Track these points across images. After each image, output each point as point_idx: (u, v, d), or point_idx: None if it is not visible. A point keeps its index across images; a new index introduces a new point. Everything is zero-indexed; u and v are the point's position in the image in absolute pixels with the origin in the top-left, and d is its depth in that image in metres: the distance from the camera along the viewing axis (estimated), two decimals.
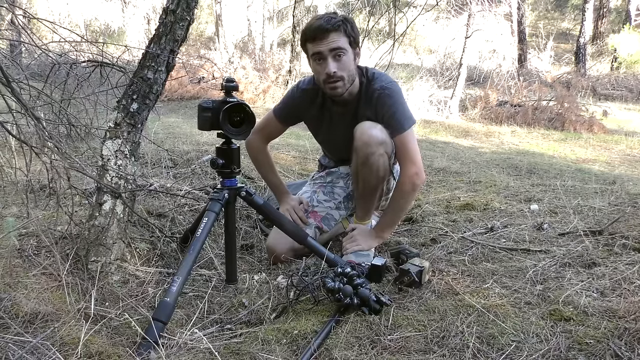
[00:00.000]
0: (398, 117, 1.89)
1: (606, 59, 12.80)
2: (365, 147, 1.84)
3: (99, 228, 1.66)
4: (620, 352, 1.21)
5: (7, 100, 1.48)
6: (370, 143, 1.83)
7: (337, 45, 1.81)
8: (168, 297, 1.42)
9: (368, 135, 1.84)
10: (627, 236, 1.98)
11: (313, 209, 2.14)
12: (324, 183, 2.22)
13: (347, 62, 1.84)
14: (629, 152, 5.23)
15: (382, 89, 1.90)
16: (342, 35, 1.82)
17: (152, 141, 2.42)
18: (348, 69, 1.86)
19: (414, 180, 1.88)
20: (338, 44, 1.81)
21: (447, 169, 3.76)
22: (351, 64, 1.86)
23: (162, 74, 1.76)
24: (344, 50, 1.83)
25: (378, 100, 1.91)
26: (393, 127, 1.90)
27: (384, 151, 1.86)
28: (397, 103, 1.91)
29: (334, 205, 2.16)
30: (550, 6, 19.51)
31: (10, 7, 1.89)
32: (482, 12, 7.72)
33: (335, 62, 1.83)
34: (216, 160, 1.72)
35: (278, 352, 1.31)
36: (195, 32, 16.00)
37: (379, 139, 1.84)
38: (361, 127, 1.87)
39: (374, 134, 1.84)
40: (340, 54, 1.82)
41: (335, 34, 1.81)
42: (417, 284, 1.65)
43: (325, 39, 1.81)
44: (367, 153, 1.84)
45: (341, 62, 1.83)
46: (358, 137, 1.86)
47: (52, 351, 1.19)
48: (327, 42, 1.81)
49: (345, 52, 1.83)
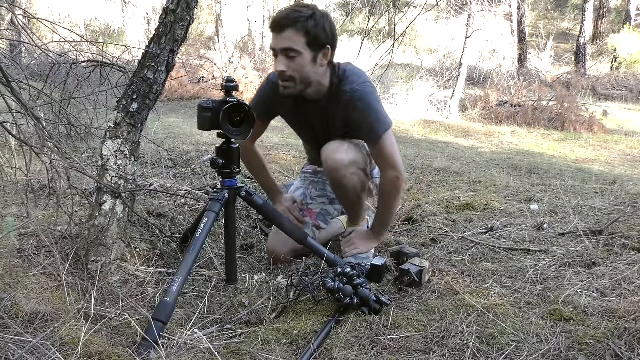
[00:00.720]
0: (371, 123, 1.77)
1: (606, 59, 12.79)
2: (334, 172, 1.82)
3: (99, 228, 1.66)
4: (620, 352, 1.21)
5: (7, 100, 1.48)
6: (338, 168, 1.80)
7: (287, 46, 1.66)
8: (168, 297, 1.42)
9: (333, 161, 1.80)
10: (627, 236, 1.98)
11: (308, 206, 2.12)
12: (315, 178, 2.19)
13: (300, 64, 1.69)
14: (629, 152, 5.23)
15: (352, 92, 1.76)
16: (301, 34, 1.65)
17: (152, 141, 2.42)
18: (300, 72, 1.70)
19: (395, 184, 1.83)
20: (290, 44, 1.66)
21: (447, 169, 3.76)
22: (306, 66, 1.70)
23: (162, 74, 1.76)
24: (296, 52, 1.66)
25: (349, 105, 1.77)
26: (367, 134, 1.80)
27: (356, 169, 1.84)
28: (370, 108, 1.77)
29: (327, 201, 2.14)
30: (550, 6, 19.51)
31: (10, 7, 1.89)
32: (482, 12, 7.72)
33: (287, 61, 1.68)
34: (216, 160, 1.72)
35: (278, 352, 1.31)
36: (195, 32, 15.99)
37: (346, 162, 1.80)
38: (326, 152, 1.82)
39: (340, 157, 1.79)
40: (291, 55, 1.67)
41: (291, 32, 1.65)
42: (417, 284, 1.65)
43: (279, 35, 1.67)
44: (338, 177, 1.82)
45: (293, 62, 1.68)
46: (324, 162, 1.83)
47: (52, 351, 1.19)
48: (280, 39, 1.66)
49: (299, 54, 1.67)
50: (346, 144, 1.84)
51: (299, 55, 1.68)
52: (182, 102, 8.16)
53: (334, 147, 1.82)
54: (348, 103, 1.77)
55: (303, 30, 1.65)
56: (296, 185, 2.24)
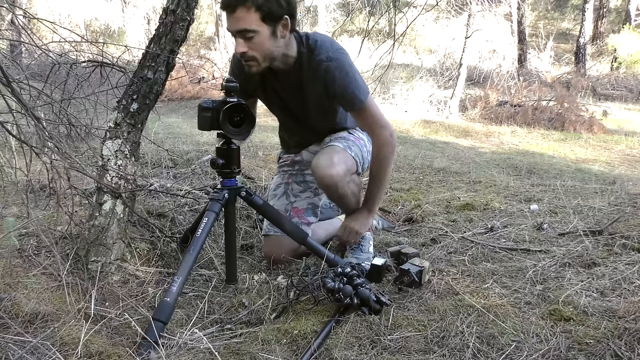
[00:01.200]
0: (352, 90, 1.74)
1: (606, 59, 12.79)
2: (333, 188, 1.80)
3: (99, 228, 1.66)
4: (620, 352, 1.21)
5: (7, 100, 1.48)
6: (336, 183, 1.78)
7: (242, 27, 1.59)
8: (168, 297, 1.42)
9: (329, 177, 1.77)
10: (627, 236, 1.98)
11: (293, 205, 2.06)
12: (293, 171, 2.12)
13: (259, 42, 1.62)
14: (629, 152, 5.23)
15: (329, 61, 1.71)
16: (252, 11, 1.56)
17: (152, 141, 2.42)
18: (261, 50, 1.64)
19: (390, 142, 1.79)
20: (244, 25, 1.58)
21: (447, 169, 3.76)
22: (265, 43, 1.63)
23: (162, 74, 1.76)
24: (252, 31, 1.59)
25: (327, 74, 1.72)
26: (349, 103, 1.77)
27: (351, 177, 1.84)
28: (349, 75, 1.73)
29: (312, 194, 2.09)
30: (550, 6, 19.51)
31: (10, 7, 1.89)
32: (482, 12, 7.72)
33: (245, 41, 1.62)
34: (216, 160, 1.72)
35: (278, 352, 1.31)
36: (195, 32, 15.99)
37: (342, 174, 1.78)
38: (319, 168, 1.78)
39: (335, 172, 1.77)
40: (248, 35, 1.61)
41: (242, 11, 1.57)
42: (417, 284, 1.65)
43: (232, 16, 1.59)
44: (336, 190, 1.81)
45: (252, 42, 1.62)
46: (319, 180, 1.80)
47: (52, 351, 1.19)
48: (234, 20, 1.59)
49: (255, 32, 1.60)
50: (334, 155, 1.80)
51: (256, 34, 1.61)
52: (182, 102, 8.16)
53: (325, 162, 1.78)
54: (326, 72, 1.72)
55: (254, 6, 1.57)
56: (276, 182, 2.15)
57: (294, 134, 2.10)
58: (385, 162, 1.84)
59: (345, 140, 1.92)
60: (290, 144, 2.15)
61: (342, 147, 1.87)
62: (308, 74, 1.77)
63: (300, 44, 1.76)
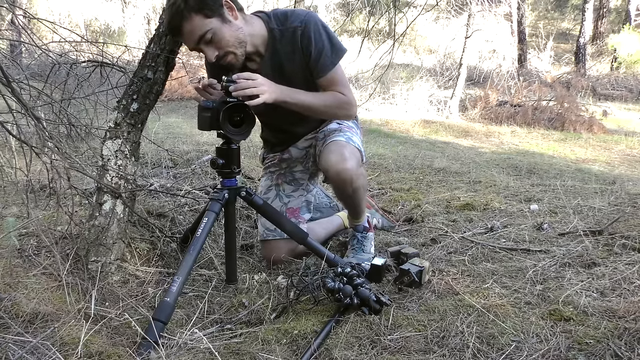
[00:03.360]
0: (328, 50, 1.70)
1: (606, 59, 12.79)
2: (350, 183, 1.77)
3: (99, 228, 1.66)
4: (620, 352, 1.21)
5: (7, 100, 1.48)
6: (351, 177, 1.75)
7: (197, 35, 1.56)
8: (168, 297, 1.42)
9: (345, 172, 1.74)
10: (627, 236, 1.98)
11: (287, 206, 2.04)
12: (281, 170, 2.06)
13: (220, 36, 1.59)
14: (629, 152, 5.22)
15: (304, 24, 1.68)
16: (194, 16, 1.54)
17: (152, 141, 2.42)
18: (226, 41, 1.60)
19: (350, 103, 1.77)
20: (198, 32, 1.56)
21: (447, 169, 3.76)
22: (224, 34, 1.59)
23: (162, 74, 1.76)
24: (207, 31, 1.56)
25: (302, 39, 1.68)
26: (325, 62, 1.70)
27: (361, 170, 1.82)
28: (324, 34, 1.70)
29: (304, 191, 2.07)
30: (550, 6, 19.51)
31: (10, 7, 1.89)
32: (482, 12, 7.72)
33: (209, 46, 1.60)
34: (216, 160, 1.72)
35: (278, 352, 1.31)
36: None
37: (355, 167, 1.76)
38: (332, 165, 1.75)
39: (349, 166, 1.74)
40: (208, 38, 1.57)
41: (188, 24, 1.55)
42: (417, 284, 1.65)
43: (183, 34, 1.58)
44: (351, 187, 1.79)
45: (215, 41, 1.59)
46: (334, 176, 1.76)
47: (52, 351, 1.19)
48: (188, 35, 1.57)
49: (210, 30, 1.56)
50: (343, 149, 1.77)
51: (212, 33, 1.57)
52: (182, 102, 8.16)
53: (337, 158, 1.75)
54: (302, 37, 1.68)
55: (191, 13, 1.54)
56: (265, 185, 2.08)
57: (279, 130, 2.03)
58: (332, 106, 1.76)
59: (342, 133, 1.87)
60: (275, 142, 2.08)
61: (345, 141, 1.82)
62: (285, 47, 1.72)
63: (268, 22, 1.71)
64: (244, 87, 1.55)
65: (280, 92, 1.63)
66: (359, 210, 1.97)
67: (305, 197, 2.07)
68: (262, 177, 2.13)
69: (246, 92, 1.55)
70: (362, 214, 2.00)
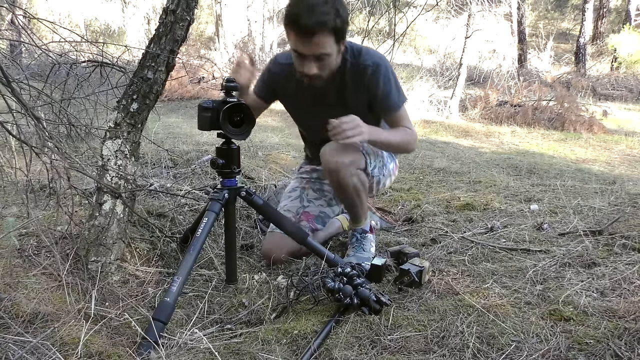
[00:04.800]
0: (394, 95, 1.84)
1: (606, 59, 12.79)
2: (334, 173, 1.80)
3: (99, 228, 1.66)
4: (620, 352, 1.21)
5: (7, 100, 1.48)
6: (339, 169, 1.79)
7: (320, 52, 1.64)
8: (168, 297, 1.42)
9: (334, 163, 1.78)
10: (627, 236, 1.98)
11: (305, 209, 2.11)
12: (311, 179, 2.17)
13: (329, 62, 1.70)
14: (629, 152, 5.22)
15: (375, 66, 1.80)
16: (329, 34, 1.61)
17: (152, 141, 2.42)
18: (329, 68, 1.73)
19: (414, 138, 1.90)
20: (322, 50, 1.64)
21: (447, 169, 3.76)
22: (333, 61, 1.72)
23: (162, 74, 1.76)
24: (327, 54, 1.66)
25: (371, 79, 1.80)
26: (389, 106, 1.85)
27: (355, 169, 1.84)
28: (391, 81, 1.83)
29: (325, 203, 2.12)
30: (550, 6, 19.51)
31: (10, 7, 1.89)
32: (482, 12, 7.71)
33: (317, 63, 1.68)
34: (216, 160, 1.72)
35: (278, 352, 1.31)
36: (195, 32, 16.00)
37: (346, 163, 1.79)
38: (325, 154, 1.80)
39: (340, 159, 1.78)
40: (323, 59, 1.67)
41: (320, 36, 1.60)
42: (417, 284, 1.65)
43: (309, 42, 1.61)
44: (337, 178, 1.81)
45: (323, 62, 1.69)
46: (324, 165, 1.81)
47: (52, 351, 1.19)
48: (312, 45, 1.62)
49: (329, 55, 1.67)
50: (343, 145, 1.79)
51: (329, 56, 1.68)
52: (182, 102, 8.16)
53: (333, 148, 1.80)
54: (372, 77, 1.80)
55: (332, 30, 1.61)
56: (292, 186, 2.21)
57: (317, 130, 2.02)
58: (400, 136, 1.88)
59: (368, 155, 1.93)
60: (314, 158, 2.16)
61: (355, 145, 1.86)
62: (353, 77, 1.83)
63: (344, 52, 1.80)
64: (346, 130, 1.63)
65: (370, 132, 1.73)
66: (358, 213, 1.98)
67: (324, 209, 2.12)
68: (293, 180, 2.24)
69: (349, 136, 1.63)
70: (361, 218, 2.00)
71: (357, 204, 1.93)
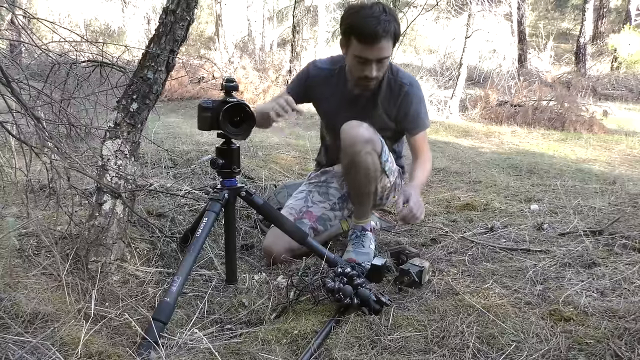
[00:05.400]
0: (423, 116, 2.00)
1: (606, 59, 12.79)
2: (352, 146, 1.83)
3: (99, 228, 1.66)
4: (620, 352, 1.21)
5: (7, 100, 1.48)
6: (356, 141, 1.82)
7: (384, 55, 1.80)
8: (168, 297, 1.42)
9: (354, 134, 1.83)
10: (627, 236, 1.98)
11: (308, 209, 2.12)
12: (319, 183, 2.20)
13: (386, 64, 1.87)
14: (629, 152, 5.22)
15: (411, 86, 1.96)
16: (391, 40, 1.79)
17: (152, 141, 2.42)
18: (385, 69, 1.89)
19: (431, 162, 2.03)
20: (386, 53, 1.80)
21: (447, 169, 3.76)
22: (387, 65, 1.89)
23: (162, 74, 1.76)
24: (388, 57, 1.83)
25: (405, 97, 1.95)
26: (417, 125, 1.99)
27: (371, 149, 1.85)
28: (422, 102, 2.01)
29: (329, 206, 2.14)
30: (550, 6, 19.51)
31: (10, 7, 1.88)
32: (482, 12, 7.70)
33: (378, 66, 1.83)
34: (216, 160, 1.72)
35: (278, 352, 1.31)
36: (195, 32, 15.99)
37: (366, 137, 1.83)
38: (347, 125, 1.85)
39: (360, 132, 1.83)
40: (382, 61, 1.82)
41: (385, 41, 1.77)
42: (417, 284, 1.65)
43: (376, 46, 1.77)
44: (353, 152, 1.83)
45: (382, 65, 1.84)
46: (344, 137, 1.85)
47: (52, 351, 1.19)
48: (377, 49, 1.77)
49: (388, 59, 1.84)
50: (365, 124, 1.87)
51: (387, 60, 1.84)
52: (182, 102, 8.16)
53: (355, 123, 1.86)
54: (406, 95, 1.96)
55: (393, 36, 1.79)
56: (300, 189, 2.24)
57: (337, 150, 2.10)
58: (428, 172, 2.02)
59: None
60: (327, 160, 2.26)
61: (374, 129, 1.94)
62: (387, 92, 1.97)
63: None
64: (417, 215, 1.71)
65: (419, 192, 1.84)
66: (364, 205, 1.99)
67: (327, 213, 2.13)
68: (304, 183, 2.29)
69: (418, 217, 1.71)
70: (365, 213, 2.01)
71: (364, 192, 1.93)
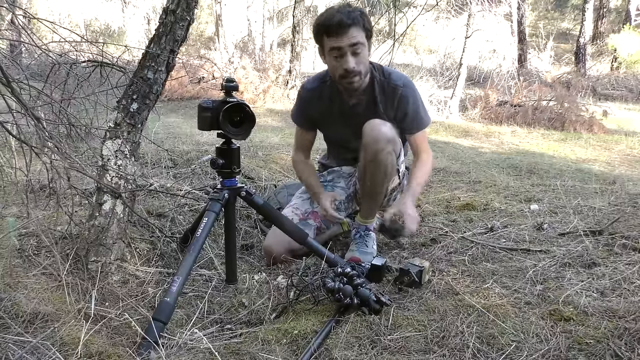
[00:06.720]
0: (422, 114, 2.02)
1: (606, 59, 12.78)
2: (374, 143, 1.83)
3: (99, 228, 1.66)
4: (620, 352, 1.21)
5: (7, 100, 1.48)
6: (379, 139, 1.83)
7: (356, 41, 1.81)
8: (168, 297, 1.42)
9: (377, 132, 1.83)
10: (627, 236, 1.98)
11: (314, 210, 2.13)
12: (325, 182, 2.21)
13: (364, 56, 1.86)
14: (629, 152, 5.22)
15: (405, 87, 1.97)
16: (361, 29, 1.82)
17: (152, 141, 2.42)
18: (365, 63, 1.88)
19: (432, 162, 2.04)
20: (358, 38, 1.81)
21: (447, 169, 3.76)
22: (367, 57, 1.89)
23: (162, 74, 1.76)
24: (362, 44, 1.83)
25: (401, 98, 1.97)
26: (418, 124, 2.01)
27: (392, 149, 1.86)
28: (419, 100, 2.02)
29: (334, 206, 2.14)
30: (550, 6, 19.51)
31: (10, 7, 1.88)
32: (482, 12, 7.70)
33: (354, 57, 1.83)
34: (216, 160, 1.72)
35: (278, 352, 1.31)
36: (195, 32, 15.99)
37: (389, 137, 1.84)
38: (371, 123, 1.86)
39: (384, 131, 1.84)
40: (358, 49, 1.83)
41: (355, 29, 1.80)
42: (417, 284, 1.65)
43: (345, 34, 1.80)
44: (376, 149, 1.83)
45: (359, 56, 1.84)
46: (368, 133, 1.85)
47: (52, 351, 1.19)
48: (348, 37, 1.80)
49: (364, 46, 1.84)
50: (389, 123, 1.89)
51: (363, 48, 1.84)
52: (182, 102, 8.15)
53: (380, 121, 1.87)
54: (401, 97, 1.97)
55: (362, 25, 1.82)
56: (304, 188, 2.24)
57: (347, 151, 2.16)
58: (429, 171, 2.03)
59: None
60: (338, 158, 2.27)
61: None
62: (383, 95, 1.99)
63: (372, 70, 1.98)
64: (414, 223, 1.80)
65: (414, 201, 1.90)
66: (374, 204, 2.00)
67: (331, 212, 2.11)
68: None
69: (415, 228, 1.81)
70: (373, 213, 2.04)
71: (379, 190, 1.94)
